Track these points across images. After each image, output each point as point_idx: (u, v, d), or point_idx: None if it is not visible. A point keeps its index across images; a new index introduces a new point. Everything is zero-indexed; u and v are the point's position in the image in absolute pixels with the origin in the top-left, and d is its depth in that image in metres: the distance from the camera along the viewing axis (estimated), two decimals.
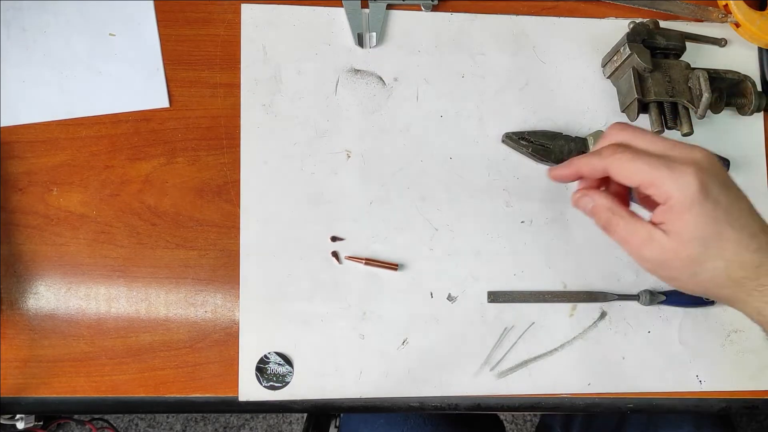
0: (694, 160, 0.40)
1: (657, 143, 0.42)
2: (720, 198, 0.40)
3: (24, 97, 0.52)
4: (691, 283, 0.42)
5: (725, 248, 0.40)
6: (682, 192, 0.40)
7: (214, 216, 0.53)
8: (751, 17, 0.57)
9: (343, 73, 0.55)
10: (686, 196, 0.40)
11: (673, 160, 0.40)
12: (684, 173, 0.40)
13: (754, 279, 0.40)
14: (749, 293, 0.41)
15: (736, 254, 0.40)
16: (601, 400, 0.54)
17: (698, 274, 0.41)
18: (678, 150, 0.41)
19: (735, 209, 0.40)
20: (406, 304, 0.53)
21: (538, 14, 0.58)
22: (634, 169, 0.41)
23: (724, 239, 0.40)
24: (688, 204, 0.40)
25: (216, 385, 0.51)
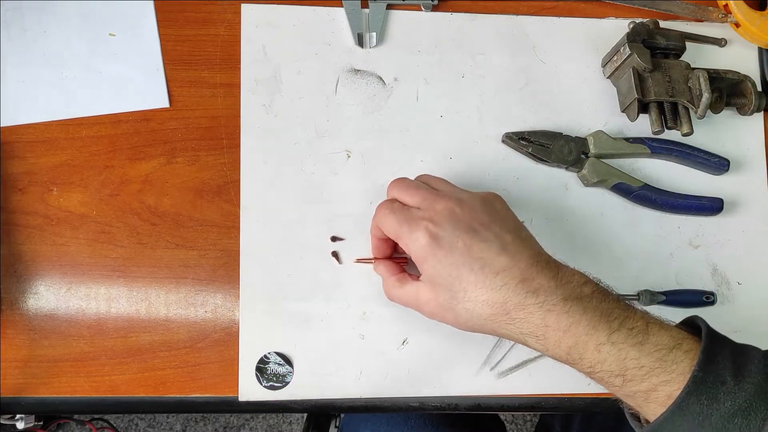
0: (432, 213, 0.44)
1: (415, 197, 0.46)
2: (457, 244, 0.43)
3: (24, 97, 0.52)
4: (459, 324, 0.45)
5: (467, 290, 0.43)
6: (415, 246, 0.44)
7: (214, 216, 0.53)
8: (751, 17, 0.57)
9: (343, 73, 0.55)
10: (419, 248, 0.44)
11: (414, 217, 0.45)
12: (417, 228, 0.44)
13: (504, 314, 0.43)
14: (505, 327, 0.43)
15: (479, 295, 0.43)
16: (600, 400, 0.54)
17: (458, 316, 0.44)
18: (426, 203, 0.45)
19: (477, 251, 0.43)
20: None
21: (538, 14, 0.58)
22: (388, 226, 0.46)
23: (464, 282, 0.43)
24: (423, 256, 0.44)
25: (216, 385, 0.51)
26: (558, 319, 0.41)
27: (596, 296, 0.42)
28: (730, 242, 0.57)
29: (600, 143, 0.55)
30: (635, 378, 0.40)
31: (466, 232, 0.43)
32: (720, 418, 0.38)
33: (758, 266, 0.57)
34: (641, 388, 0.40)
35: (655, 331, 0.41)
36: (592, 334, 0.41)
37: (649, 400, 0.41)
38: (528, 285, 0.42)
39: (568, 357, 0.42)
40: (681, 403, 0.39)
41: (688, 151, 0.56)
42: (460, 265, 0.43)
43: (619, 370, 0.41)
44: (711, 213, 0.56)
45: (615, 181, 0.55)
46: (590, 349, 0.41)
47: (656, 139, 0.56)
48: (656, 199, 0.55)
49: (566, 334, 0.41)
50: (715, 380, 0.39)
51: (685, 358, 0.40)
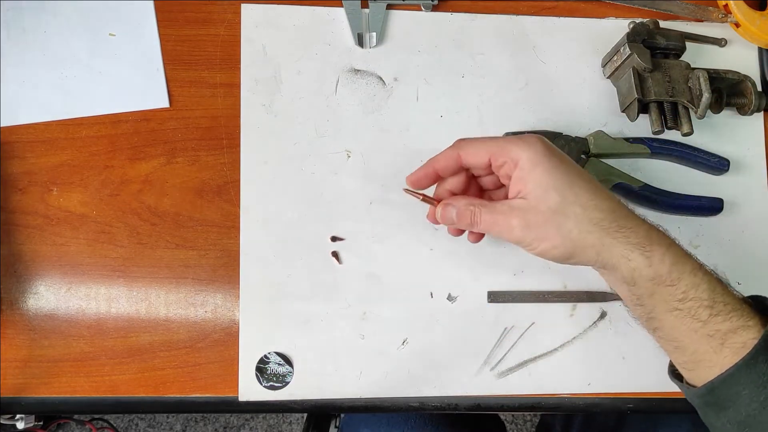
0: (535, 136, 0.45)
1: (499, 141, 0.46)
2: (564, 158, 0.44)
3: (24, 97, 0.52)
4: (559, 238, 0.43)
5: (579, 194, 0.43)
6: (529, 152, 0.43)
7: (214, 216, 0.53)
8: (751, 17, 0.57)
9: (343, 73, 0.55)
10: (534, 153, 0.43)
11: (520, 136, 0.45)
12: (528, 140, 0.44)
13: (613, 221, 0.43)
14: (613, 236, 0.43)
15: (590, 199, 0.43)
16: (601, 400, 0.54)
17: (562, 225, 0.43)
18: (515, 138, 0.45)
19: (578, 167, 0.45)
20: (406, 304, 0.53)
21: (538, 14, 0.58)
22: (483, 146, 0.45)
23: (576, 187, 0.43)
24: (537, 160, 0.43)
25: (216, 385, 0.51)
26: (659, 236, 0.43)
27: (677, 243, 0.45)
28: (730, 242, 0.57)
29: (600, 143, 0.55)
30: (721, 313, 0.42)
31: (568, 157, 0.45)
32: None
33: (758, 266, 0.57)
34: (723, 327, 0.41)
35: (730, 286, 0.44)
36: (688, 258, 0.43)
37: (725, 344, 0.41)
38: (625, 210, 0.44)
39: (669, 275, 0.42)
40: (749, 360, 0.40)
41: (688, 151, 0.56)
42: (571, 173, 0.44)
43: (710, 300, 0.42)
44: (711, 213, 0.56)
45: (615, 181, 0.55)
46: (687, 270, 0.43)
47: (656, 139, 0.56)
48: (656, 199, 0.55)
49: (669, 250, 0.43)
50: None
51: (756, 316, 0.42)
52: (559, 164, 0.43)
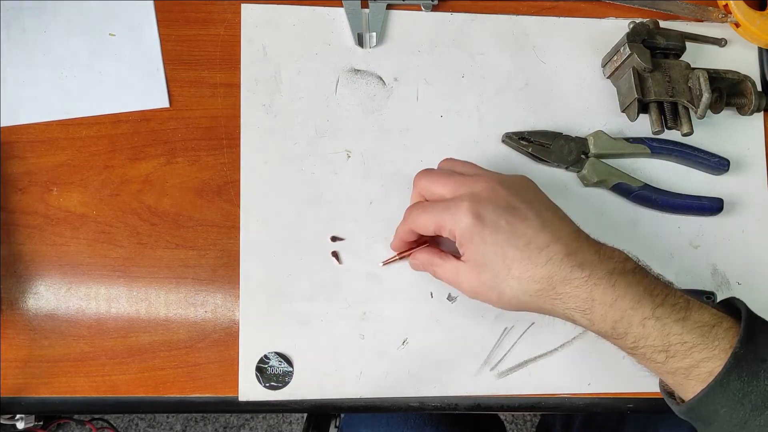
0: (471, 194, 0.44)
1: (447, 185, 0.46)
2: (500, 222, 0.43)
3: (24, 97, 0.52)
4: (503, 303, 0.45)
5: (512, 267, 0.43)
6: (460, 226, 0.44)
7: (214, 216, 0.53)
8: (751, 17, 0.57)
9: (343, 73, 0.55)
10: (464, 229, 0.44)
11: (453, 201, 0.45)
12: (459, 210, 0.44)
13: (550, 289, 0.43)
14: (551, 303, 0.43)
15: (524, 271, 0.43)
16: (601, 400, 0.54)
17: (502, 295, 0.45)
18: (463, 187, 0.45)
19: (520, 228, 0.43)
20: (406, 304, 0.53)
21: (538, 14, 0.58)
22: (425, 222, 0.46)
23: (509, 260, 0.43)
24: (468, 236, 0.44)
25: (216, 385, 0.51)
26: (604, 292, 0.42)
27: (638, 272, 0.43)
28: (730, 242, 0.57)
29: (600, 143, 0.55)
30: (678, 354, 0.41)
31: (508, 211, 0.44)
32: (760, 396, 0.39)
33: (758, 266, 0.57)
34: (683, 365, 0.41)
35: (696, 308, 0.42)
36: (637, 308, 0.41)
37: (690, 377, 0.41)
38: (573, 259, 0.42)
39: (614, 332, 0.42)
40: (722, 380, 0.39)
41: (688, 151, 0.56)
42: (504, 243, 0.43)
43: (663, 345, 0.41)
44: (711, 213, 0.56)
45: (615, 181, 0.55)
46: (635, 323, 0.41)
47: (656, 139, 0.56)
48: (656, 199, 0.55)
49: (612, 308, 0.42)
50: (755, 357, 0.39)
51: (725, 336, 0.40)
52: (490, 235, 0.43)
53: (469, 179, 0.46)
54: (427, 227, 0.46)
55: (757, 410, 0.39)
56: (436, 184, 0.47)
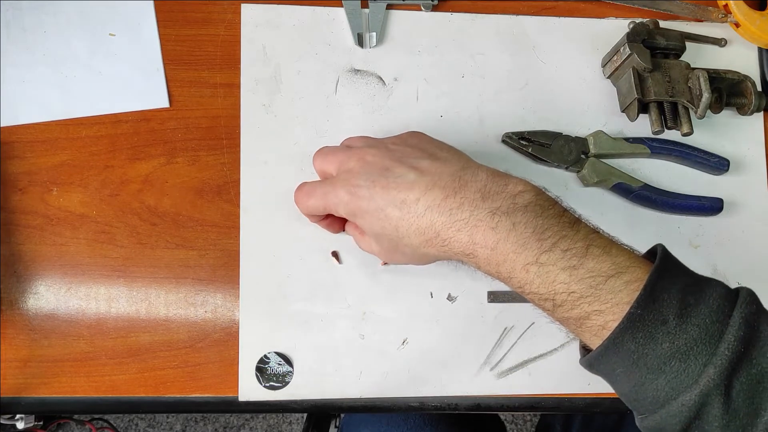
0: (346, 171, 0.45)
1: (333, 162, 0.47)
2: (374, 191, 0.43)
3: (24, 97, 0.52)
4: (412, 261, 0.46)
5: (399, 227, 0.43)
6: (342, 207, 0.44)
7: (214, 216, 0.53)
8: (751, 17, 0.57)
9: (343, 73, 0.55)
10: (345, 207, 0.44)
11: (330, 182, 0.45)
12: (336, 191, 0.44)
13: (435, 237, 0.42)
14: (441, 250, 0.42)
15: (409, 227, 0.42)
16: (601, 400, 0.54)
17: (405, 255, 0.45)
18: (342, 164, 0.46)
19: (393, 189, 0.42)
20: (406, 304, 0.53)
21: (538, 14, 0.58)
22: (315, 205, 0.47)
23: (394, 220, 0.43)
24: (352, 213, 0.44)
25: (216, 385, 0.51)
26: (485, 235, 0.39)
27: (531, 209, 0.40)
28: (730, 242, 0.57)
29: (600, 143, 0.55)
30: (565, 303, 0.38)
31: (381, 175, 0.43)
32: (656, 359, 0.36)
33: (758, 266, 0.57)
34: (572, 315, 0.38)
35: (595, 255, 0.38)
36: (520, 253, 0.39)
37: (581, 328, 0.39)
38: (451, 201, 0.41)
39: (498, 275, 0.41)
40: (615, 339, 0.37)
41: (687, 151, 0.56)
42: (384, 207, 0.43)
43: (548, 293, 0.39)
44: (711, 213, 0.56)
45: (615, 181, 0.55)
46: (518, 268, 0.39)
47: (656, 139, 0.56)
48: (656, 199, 0.55)
49: (494, 251, 0.39)
50: (655, 318, 0.36)
51: (623, 289, 0.37)
52: (368, 205, 0.43)
53: (347, 155, 0.46)
54: (318, 210, 0.47)
55: (652, 373, 0.36)
56: (324, 163, 0.48)
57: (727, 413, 0.35)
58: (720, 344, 0.35)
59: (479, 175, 0.42)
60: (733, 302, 0.37)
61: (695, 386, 0.35)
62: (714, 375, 0.35)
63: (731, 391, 0.35)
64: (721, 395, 0.35)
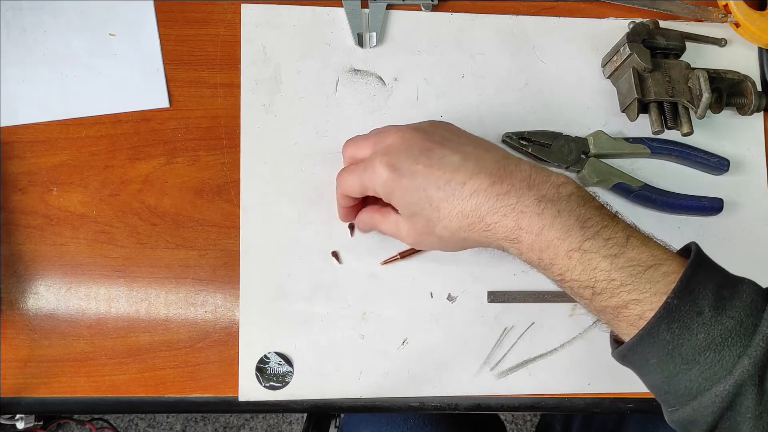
0: (384, 149, 0.44)
1: (366, 146, 0.46)
2: (416, 169, 0.43)
3: (24, 97, 0.52)
4: (444, 245, 0.45)
5: (440, 208, 0.42)
6: (380, 183, 0.44)
7: (214, 216, 0.53)
8: (751, 17, 0.57)
9: (343, 73, 0.55)
10: (383, 185, 0.44)
11: (368, 159, 0.45)
12: (374, 167, 0.44)
13: (479, 221, 0.42)
14: (483, 235, 0.42)
15: (451, 209, 0.42)
16: (601, 400, 0.54)
17: (440, 238, 0.44)
18: (377, 145, 0.45)
19: (437, 169, 0.42)
20: (406, 304, 0.53)
21: (538, 14, 0.58)
22: (351, 184, 0.46)
23: (435, 201, 0.42)
24: (390, 189, 0.44)
25: (216, 385, 0.51)
26: (530, 221, 0.40)
27: (574, 199, 0.41)
28: (730, 242, 0.57)
29: (600, 143, 0.55)
30: (605, 291, 0.39)
31: (423, 154, 0.43)
32: (691, 350, 0.37)
33: (758, 266, 0.57)
34: (611, 304, 0.39)
35: (635, 245, 0.39)
36: (564, 239, 0.39)
37: (619, 317, 0.39)
38: (498, 187, 0.41)
39: (540, 262, 0.41)
40: (651, 329, 0.37)
41: (688, 151, 0.56)
42: (426, 186, 0.42)
43: (589, 281, 0.39)
44: (711, 213, 0.56)
45: (615, 181, 0.55)
46: (561, 254, 0.40)
47: (656, 139, 0.56)
48: (656, 199, 0.55)
49: (538, 237, 0.40)
50: (691, 310, 0.37)
51: (662, 280, 0.38)
52: (410, 183, 0.43)
53: (382, 134, 0.46)
54: (353, 189, 0.46)
55: (687, 364, 0.37)
56: (356, 148, 0.47)
57: (759, 404, 0.36)
58: (754, 336, 0.36)
59: (522, 165, 0.43)
60: (765, 298, 0.38)
61: (729, 377, 0.36)
62: (749, 366, 0.36)
63: (764, 382, 0.36)
64: (754, 386, 0.36)
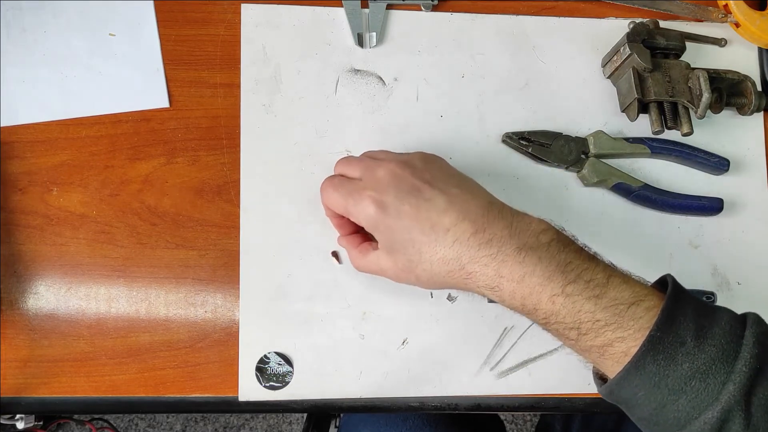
0: (374, 181, 0.44)
1: (358, 168, 0.46)
2: (403, 207, 0.43)
3: (24, 97, 0.52)
4: (422, 284, 0.45)
5: (422, 251, 0.43)
6: (364, 216, 0.44)
7: (214, 216, 0.53)
8: (751, 17, 0.57)
9: (343, 73, 0.55)
10: (368, 219, 0.44)
11: (357, 189, 0.45)
12: (362, 199, 0.44)
13: (460, 269, 0.42)
14: (463, 282, 0.43)
15: (433, 254, 0.42)
16: (600, 400, 0.54)
17: (419, 277, 0.44)
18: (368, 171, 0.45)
19: (424, 211, 0.43)
20: (406, 304, 0.53)
21: (538, 14, 0.58)
22: (336, 202, 0.46)
23: (418, 244, 0.43)
24: (374, 225, 0.44)
25: (216, 385, 0.51)
26: (512, 269, 0.40)
27: (554, 246, 0.41)
28: (730, 242, 0.57)
29: (600, 143, 0.55)
30: (590, 332, 0.40)
31: (411, 194, 0.43)
32: (677, 380, 0.37)
33: (758, 266, 0.57)
34: (596, 343, 0.40)
35: (615, 285, 0.40)
36: (546, 285, 0.40)
37: (604, 356, 0.40)
38: (480, 237, 0.41)
39: (523, 308, 0.42)
40: (637, 363, 0.38)
41: (688, 151, 0.56)
42: (411, 228, 0.43)
43: (573, 323, 0.40)
44: (711, 213, 0.56)
45: (615, 181, 0.55)
46: (544, 300, 0.40)
47: (656, 139, 0.56)
48: (656, 199, 0.55)
49: (520, 284, 0.40)
50: (674, 341, 0.38)
51: (644, 315, 0.39)
52: (395, 222, 0.43)
53: (375, 164, 0.46)
54: (336, 207, 0.47)
55: (674, 394, 0.38)
56: (347, 168, 0.48)
57: (747, 428, 0.36)
58: (737, 362, 0.37)
59: (504, 211, 0.43)
60: (742, 324, 0.39)
61: (716, 403, 0.37)
62: (734, 391, 0.36)
63: (750, 407, 0.37)
64: (741, 411, 0.36)
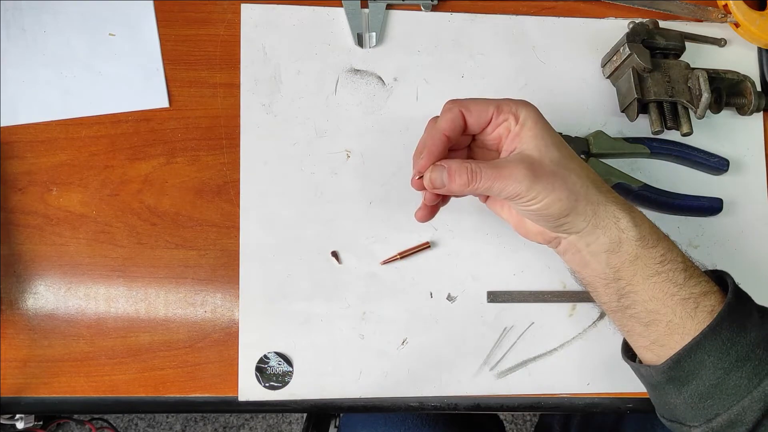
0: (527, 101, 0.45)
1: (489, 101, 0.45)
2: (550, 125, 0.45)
3: (24, 97, 0.52)
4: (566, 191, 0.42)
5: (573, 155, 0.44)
6: (528, 109, 0.43)
7: (214, 216, 0.53)
8: (751, 17, 0.57)
9: (343, 73, 0.55)
10: (533, 111, 0.44)
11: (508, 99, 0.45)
12: (523, 101, 0.44)
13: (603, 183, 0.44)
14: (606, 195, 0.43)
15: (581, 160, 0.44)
16: (600, 399, 0.54)
17: (567, 177, 0.42)
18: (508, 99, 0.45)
19: None
20: (406, 304, 0.53)
21: (538, 14, 0.58)
22: (485, 103, 0.44)
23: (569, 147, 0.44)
24: (537, 117, 0.43)
25: (216, 385, 0.51)
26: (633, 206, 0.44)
27: None
28: (730, 242, 0.57)
29: (600, 143, 0.55)
30: (694, 275, 0.43)
31: None
32: (744, 347, 0.41)
33: (758, 266, 0.57)
34: (696, 290, 0.42)
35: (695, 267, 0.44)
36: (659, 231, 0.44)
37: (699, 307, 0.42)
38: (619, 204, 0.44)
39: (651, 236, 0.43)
40: (715, 327, 0.41)
41: (687, 151, 0.56)
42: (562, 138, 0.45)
43: (684, 263, 0.43)
44: (711, 213, 0.56)
45: (615, 181, 0.55)
46: (662, 234, 0.44)
47: (656, 139, 0.56)
48: (656, 199, 0.55)
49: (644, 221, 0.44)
50: (744, 311, 0.42)
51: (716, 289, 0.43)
52: (550, 127, 0.44)
53: None
54: (486, 108, 0.43)
55: (740, 361, 0.41)
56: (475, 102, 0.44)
57: None
58: None
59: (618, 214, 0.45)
60: None
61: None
62: None
63: None
64: None
